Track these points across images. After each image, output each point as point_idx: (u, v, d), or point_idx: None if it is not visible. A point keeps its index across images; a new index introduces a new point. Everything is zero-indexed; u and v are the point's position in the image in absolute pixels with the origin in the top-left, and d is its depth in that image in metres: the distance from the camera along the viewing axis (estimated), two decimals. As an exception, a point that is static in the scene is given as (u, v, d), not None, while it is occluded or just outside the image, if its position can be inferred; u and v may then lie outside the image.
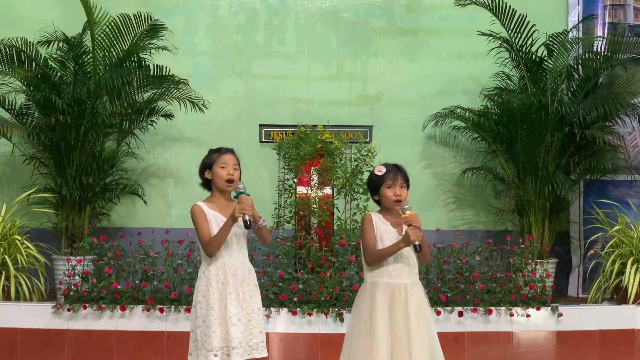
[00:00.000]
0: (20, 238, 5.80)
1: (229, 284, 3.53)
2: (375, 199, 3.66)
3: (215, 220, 3.56)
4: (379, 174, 3.56)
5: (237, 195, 3.51)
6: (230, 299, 3.51)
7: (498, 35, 6.61)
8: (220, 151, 3.67)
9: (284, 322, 5.36)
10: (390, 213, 3.58)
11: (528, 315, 5.49)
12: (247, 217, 3.43)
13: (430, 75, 7.45)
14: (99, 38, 6.25)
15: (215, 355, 3.44)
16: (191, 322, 3.63)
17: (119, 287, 5.49)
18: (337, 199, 6.12)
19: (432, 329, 3.53)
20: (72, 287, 5.51)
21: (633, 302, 5.75)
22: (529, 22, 6.43)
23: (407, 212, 3.43)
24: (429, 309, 3.57)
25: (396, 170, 3.57)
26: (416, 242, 3.39)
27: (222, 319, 3.50)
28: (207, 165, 3.66)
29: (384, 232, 3.54)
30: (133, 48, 6.27)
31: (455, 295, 5.54)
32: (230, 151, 3.69)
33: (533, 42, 6.52)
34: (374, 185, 3.60)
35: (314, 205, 5.91)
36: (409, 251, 3.50)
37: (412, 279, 3.55)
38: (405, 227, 3.44)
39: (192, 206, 3.60)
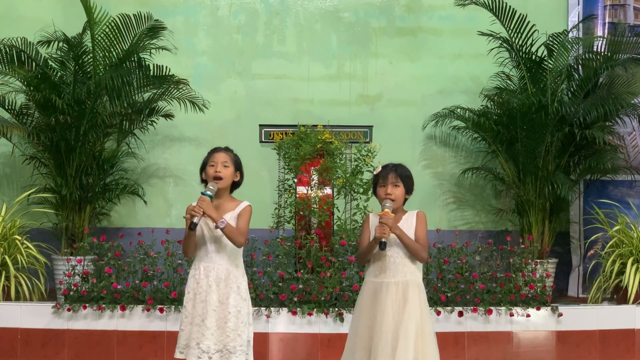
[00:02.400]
0: (20, 238, 5.80)
1: (199, 285, 3.56)
2: (378, 199, 3.69)
3: (203, 220, 3.55)
4: (375, 173, 3.62)
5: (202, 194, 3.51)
6: (198, 300, 3.54)
7: (498, 35, 6.61)
8: (213, 150, 3.69)
9: (284, 322, 5.36)
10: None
11: (528, 315, 5.49)
12: (195, 219, 3.43)
13: (430, 75, 7.45)
14: (99, 38, 6.25)
15: (181, 353, 3.54)
16: None
17: (119, 287, 5.50)
18: (337, 199, 6.12)
19: (426, 329, 3.47)
20: (72, 287, 5.51)
21: (633, 302, 5.75)
22: (529, 22, 6.43)
23: (386, 209, 3.46)
24: (420, 309, 3.49)
25: (388, 169, 3.59)
26: (382, 240, 3.41)
27: (192, 318, 3.54)
28: (203, 165, 3.68)
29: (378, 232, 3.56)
30: (133, 48, 6.27)
31: (455, 295, 5.54)
32: (222, 149, 3.69)
33: (533, 42, 6.52)
34: (373, 186, 3.67)
35: (314, 205, 5.91)
36: (394, 250, 3.50)
37: (398, 278, 3.52)
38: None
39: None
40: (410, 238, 3.51)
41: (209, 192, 3.49)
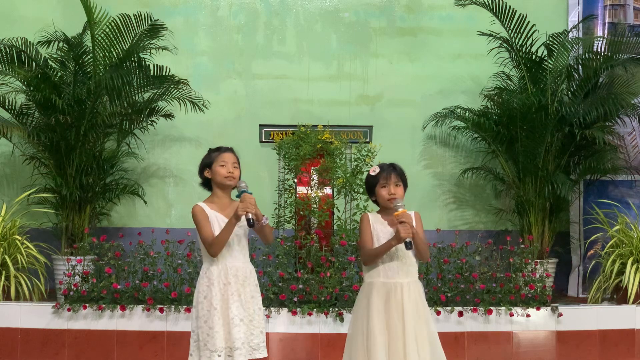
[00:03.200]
0: (20, 238, 5.80)
1: (231, 285, 3.53)
2: (373, 200, 3.68)
3: (216, 220, 3.55)
4: (373, 174, 3.59)
5: (240, 194, 3.50)
6: (232, 300, 3.51)
7: (498, 35, 6.61)
8: (219, 150, 3.67)
9: (284, 322, 5.36)
10: (387, 213, 3.59)
11: (528, 315, 5.49)
12: (250, 215, 3.42)
13: (430, 75, 7.45)
14: (99, 38, 6.25)
15: (219, 356, 3.44)
16: (192, 323, 3.63)
17: (119, 287, 5.49)
18: (337, 199, 6.12)
19: (432, 329, 3.52)
20: (72, 287, 5.51)
21: (633, 302, 5.75)
22: (529, 22, 6.43)
23: (400, 209, 3.45)
24: (427, 309, 3.56)
25: (389, 169, 3.58)
26: (407, 239, 3.40)
27: (225, 320, 3.50)
28: (206, 164, 3.66)
29: (381, 232, 3.56)
30: (133, 48, 6.27)
31: (455, 295, 5.54)
32: (230, 150, 3.69)
33: (533, 42, 6.52)
34: (370, 186, 3.64)
35: (314, 205, 5.91)
36: (404, 250, 3.50)
37: (409, 278, 3.53)
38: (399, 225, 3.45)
39: (193, 207, 3.60)
40: (421, 238, 3.53)
41: (249, 190, 3.50)
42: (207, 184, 3.70)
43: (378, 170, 3.60)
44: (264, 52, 7.49)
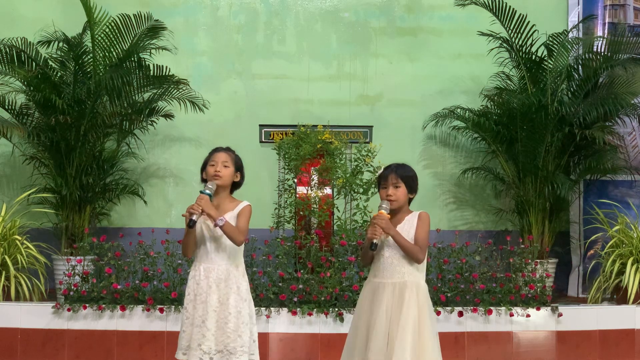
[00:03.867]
0: (20, 238, 5.80)
1: (199, 285, 3.55)
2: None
3: (201, 220, 3.55)
4: (377, 175, 3.64)
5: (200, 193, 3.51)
6: (199, 300, 3.53)
7: (498, 35, 6.61)
8: (214, 150, 3.68)
9: (284, 322, 5.36)
10: (390, 214, 3.58)
11: (528, 315, 5.49)
12: (194, 217, 3.42)
13: (430, 75, 7.45)
14: (99, 38, 6.25)
15: (184, 354, 3.52)
16: None
17: (119, 287, 5.49)
18: (337, 199, 6.12)
19: (423, 330, 3.43)
20: (72, 287, 5.51)
21: (633, 302, 5.75)
22: (529, 22, 6.43)
23: (382, 210, 3.46)
24: (416, 310, 3.45)
25: (388, 171, 3.59)
26: (373, 240, 3.41)
27: (193, 319, 3.53)
28: (203, 165, 3.68)
29: None
30: (133, 48, 6.27)
31: (455, 295, 5.54)
32: (223, 149, 3.67)
33: (533, 42, 6.52)
34: (377, 186, 3.69)
35: (314, 205, 5.91)
36: (391, 251, 3.51)
37: (396, 279, 3.50)
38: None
39: None
40: (405, 239, 3.48)
41: (207, 191, 3.48)
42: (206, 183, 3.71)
43: (380, 171, 3.63)
44: (264, 52, 7.49)
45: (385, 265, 3.52)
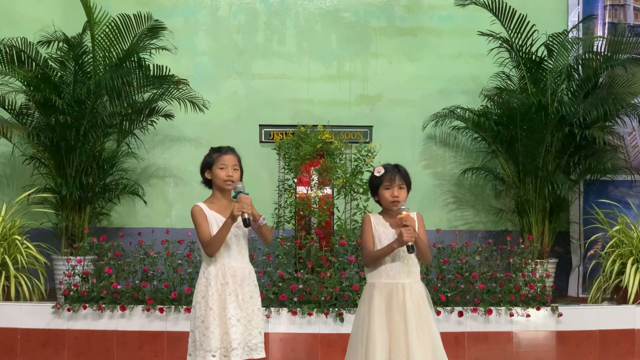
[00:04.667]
0: (20, 238, 5.80)
1: (229, 285, 3.54)
2: (375, 200, 3.68)
3: (215, 220, 3.56)
4: (378, 175, 3.59)
5: (236, 194, 3.52)
6: (229, 300, 3.52)
7: (498, 35, 6.61)
8: (220, 151, 3.67)
9: (284, 322, 5.36)
10: (389, 214, 3.59)
11: (528, 315, 5.49)
12: (246, 216, 3.43)
13: (430, 75, 7.45)
14: (99, 38, 6.25)
15: (214, 356, 3.45)
16: (190, 322, 3.64)
17: (119, 287, 5.50)
18: (337, 199, 6.12)
19: (433, 330, 3.52)
20: (72, 287, 5.51)
21: (633, 302, 5.75)
22: (529, 22, 6.43)
23: (403, 212, 3.45)
24: (430, 310, 3.55)
25: (394, 171, 3.57)
26: (409, 243, 3.41)
27: (221, 320, 3.50)
28: (207, 164, 3.66)
29: (382, 234, 3.56)
30: (133, 48, 6.27)
31: (455, 295, 5.54)
32: (231, 151, 3.68)
33: (533, 42, 6.52)
34: (374, 186, 3.64)
35: (314, 205, 5.91)
36: (405, 251, 3.50)
37: (411, 279, 3.54)
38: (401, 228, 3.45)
39: (192, 207, 3.61)
40: (422, 240, 3.53)
41: (245, 191, 3.51)
42: (207, 182, 3.71)
43: (383, 171, 3.59)
44: (264, 52, 7.49)
45: (402, 265, 3.53)
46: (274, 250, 5.68)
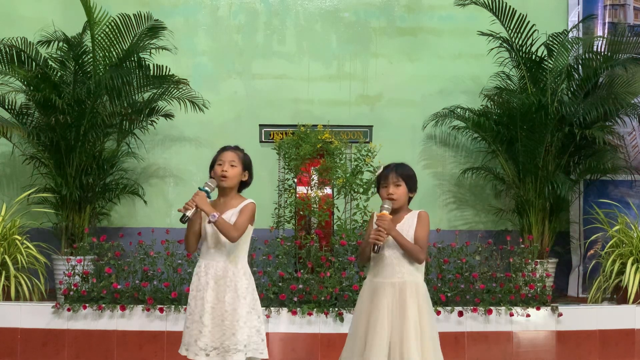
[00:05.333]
0: (20, 238, 5.80)
1: (201, 282, 3.57)
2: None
3: (205, 218, 3.57)
4: (377, 173, 3.64)
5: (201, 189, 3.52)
6: (199, 296, 3.56)
7: (498, 35, 6.61)
8: (222, 149, 3.70)
9: (284, 322, 5.36)
10: (390, 213, 3.58)
11: (528, 315, 5.49)
12: (187, 213, 3.43)
13: (430, 75, 7.45)
14: (99, 38, 6.25)
15: (187, 350, 3.55)
16: None
17: (119, 287, 5.49)
18: (337, 199, 6.12)
19: (423, 330, 3.46)
20: (72, 287, 5.51)
21: (633, 302, 5.75)
22: (529, 22, 6.43)
23: (384, 211, 3.46)
24: (416, 310, 3.47)
25: (388, 169, 3.60)
26: (373, 243, 3.42)
27: (196, 316, 3.55)
28: (212, 164, 3.69)
29: None
30: (133, 48, 6.27)
31: (455, 295, 5.54)
32: (231, 148, 3.69)
33: (533, 42, 6.52)
34: (377, 186, 3.69)
35: (314, 205, 5.91)
36: (391, 250, 3.51)
37: (397, 279, 3.51)
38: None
39: None
40: (406, 239, 3.49)
41: (206, 188, 3.50)
42: None
43: (380, 170, 3.63)
44: (264, 52, 7.49)
45: (385, 265, 3.53)
46: (274, 250, 5.69)
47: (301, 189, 6.05)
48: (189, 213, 3.43)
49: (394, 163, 3.65)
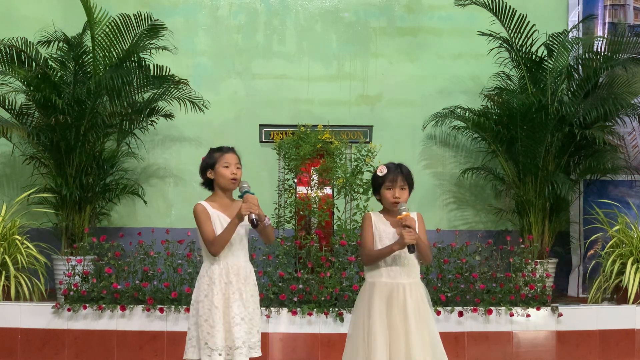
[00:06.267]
0: (20, 238, 5.80)
1: (232, 284, 3.55)
2: (377, 198, 3.68)
3: (218, 219, 3.57)
4: (380, 174, 3.58)
5: (242, 194, 3.51)
6: (233, 299, 3.53)
7: (498, 35, 6.61)
8: (222, 150, 3.68)
9: (284, 322, 5.37)
10: (390, 213, 3.59)
11: (528, 315, 5.49)
12: (253, 216, 3.44)
13: (430, 75, 7.45)
14: (99, 38, 6.25)
15: (220, 355, 3.46)
16: (189, 321, 3.64)
17: (119, 287, 5.50)
18: (337, 199, 6.12)
19: (433, 330, 3.53)
20: (72, 287, 5.51)
21: (633, 302, 5.75)
22: (529, 22, 6.43)
23: (403, 212, 3.45)
24: (429, 310, 3.56)
25: (397, 172, 3.57)
26: (410, 244, 3.41)
27: (225, 319, 3.51)
28: (209, 164, 3.66)
29: (383, 233, 3.56)
30: (133, 48, 6.27)
31: (455, 295, 5.55)
32: (232, 150, 3.70)
33: (533, 42, 6.52)
34: (376, 185, 3.64)
35: (314, 205, 5.91)
36: (407, 251, 3.50)
37: (412, 279, 3.54)
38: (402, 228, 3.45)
39: (195, 205, 3.61)
40: (422, 240, 3.53)
41: (251, 191, 3.52)
42: (207, 183, 3.71)
43: (385, 171, 3.58)
44: (264, 52, 7.49)
45: (405, 266, 3.53)
46: (274, 250, 5.69)
47: (301, 189, 6.06)
48: (254, 216, 3.45)
49: (397, 164, 3.63)
